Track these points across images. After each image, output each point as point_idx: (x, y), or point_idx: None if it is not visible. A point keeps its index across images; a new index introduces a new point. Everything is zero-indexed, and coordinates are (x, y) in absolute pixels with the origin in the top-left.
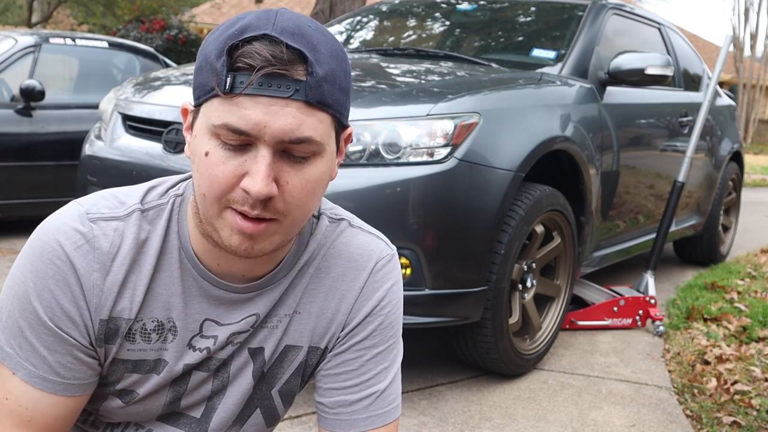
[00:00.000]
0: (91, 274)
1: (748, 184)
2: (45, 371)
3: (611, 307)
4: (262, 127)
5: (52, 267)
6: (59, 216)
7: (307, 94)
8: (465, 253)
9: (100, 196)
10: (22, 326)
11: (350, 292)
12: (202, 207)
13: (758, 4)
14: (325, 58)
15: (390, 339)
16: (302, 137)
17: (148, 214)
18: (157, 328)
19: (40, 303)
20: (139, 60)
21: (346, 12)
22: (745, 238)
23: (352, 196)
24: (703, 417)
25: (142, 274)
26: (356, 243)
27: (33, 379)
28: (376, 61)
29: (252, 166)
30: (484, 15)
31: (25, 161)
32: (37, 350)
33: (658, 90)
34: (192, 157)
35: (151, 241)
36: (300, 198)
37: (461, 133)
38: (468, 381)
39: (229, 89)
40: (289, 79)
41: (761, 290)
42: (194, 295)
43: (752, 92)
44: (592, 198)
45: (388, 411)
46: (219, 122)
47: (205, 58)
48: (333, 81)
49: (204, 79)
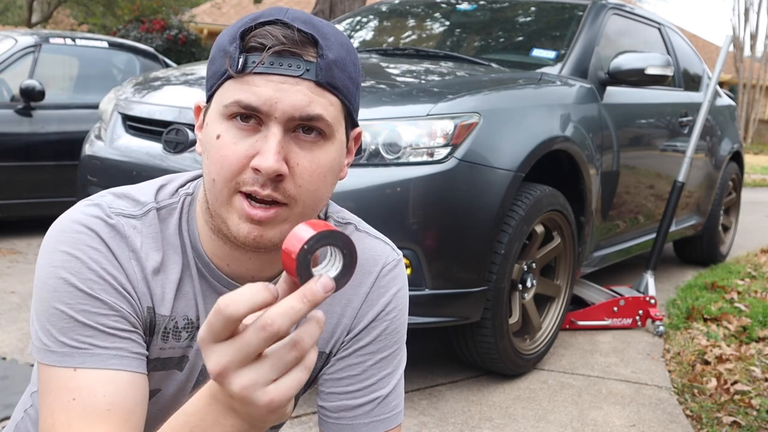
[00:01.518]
0: (129, 262)
1: (748, 184)
2: (119, 350)
3: (611, 307)
4: (273, 103)
5: (93, 252)
6: (80, 211)
7: (317, 74)
8: (465, 253)
9: (113, 195)
10: (77, 317)
11: (356, 297)
12: (212, 195)
13: (758, 4)
14: (335, 46)
15: (394, 345)
16: (313, 114)
17: (161, 212)
18: (188, 326)
19: (88, 285)
20: (139, 60)
21: (346, 12)
22: (745, 238)
23: (353, 196)
24: (703, 417)
25: (171, 272)
26: (362, 248)
27: (109, 362)
28: (376, 61)
29: (263, 145)
30: (484, 15)
31: (25, 161)
32: (105, 331)
33: (658, 90)
34: (204, 147)
35: (168, 240)
36: (311, 182)
37: (461, 133)
38: (468, 381)
39: (241, 68)
40: (300, 58)
41: (761, 290)
42: (209, 293)
43: (752, 92)
44: (592, 198)
45: (390, 416)
46: (230, 100)
47: (218, 48)
48: (343, 68)
49: (217, 66)
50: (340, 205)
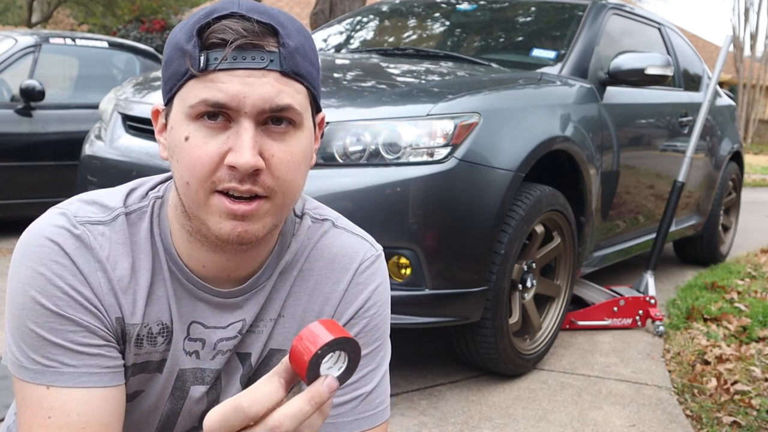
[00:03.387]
0: (95, 273)
1: (748, 184)
2: (89, 366)
3: (611, 307)
4: (242, 98)
5: (58, 267)
6: (45, 221)
7: (282, 64)
8: (465, 253)
9: (81, 201)
10: (44, 335)
11: (333, 295)
12: (187, 198)
13: (758, 4)
14: (293, 33)
15: (376, 341)
16: (282, 104)
17: (131, 217)
18: (163, 330)
19: (53, 303)
20: (139, 60)
21: (346, 12)
22: (745, 238)
23: (352, 196)
24: (703, 417)
25: (141, 278)
26: (339, 244)
27: (79, 380)
28: (376, 61)
29: (235, 141)
30: (484, 15)
31: (25, 161)
32: (72, 349)
33: (658, 90)
34: (171, 151)
35: (139, 245)
36: (288, 172)
37: (461, 133)
38: (468, 381)
39: (204, 67)
40: (262, 50)
41: (761, 290)
42: (182, 297)
43: (752, 92)
44: (592, 198)
45: (375, 414)
46: (196, 100)
47: (174, 47)
48: (304, 54)
49: (175, 67)
50: (341, 205)
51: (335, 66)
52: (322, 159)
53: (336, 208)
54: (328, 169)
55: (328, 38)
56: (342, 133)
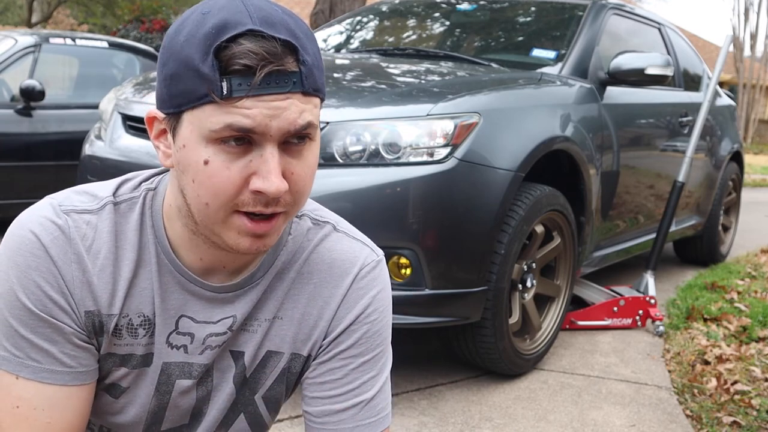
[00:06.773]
0: (70, 266)
1: (748, 184)
2: (51, 364)
3: (611, 307)
4: (268, 122)
5: (33, 259)
6: (33, 210)
7: (304, 84)
8: (465, 253)
9: (72, 191)
10: (14, 325)
11: (332, 299)
12: (203, 216)
13: (758, 4)
14: (306, 43)
15: (377, 348)
16: (305, 124)
17: (120, 207)
18: (144, 323)
19: (27, 297)
20: (139, 60)
21: (346, 12)
22: (745, 238)
23: (352, 196)
24: (703, 417)
25: (123, 268)
26: (340, 249)
27: (41, 375)
28: (376, 61)
29: (261, 166)
30: (484, 15)
31: (25, 161)
32: (37, 345)
33: (658, 90)
34: (183, 168)
35: (126, 235)
36: (305, 185)
37: (461, 133)
38: (468, 381)
39: (228, 94)
40: (284, 73)
41: (761, 290)
42: (171, 290)
43: (752, 92)
44: (592, 198)
45: (376, 420)
46: (220, 126)
47: (184, 64)
48: (319, 65)
49: (188, 86)
50: (340, 205)
51: (335, 66)
52: (323, 159)
53: (336, 208)
54: (328, 169)
55: (328, 38)
56: (342, 133)
